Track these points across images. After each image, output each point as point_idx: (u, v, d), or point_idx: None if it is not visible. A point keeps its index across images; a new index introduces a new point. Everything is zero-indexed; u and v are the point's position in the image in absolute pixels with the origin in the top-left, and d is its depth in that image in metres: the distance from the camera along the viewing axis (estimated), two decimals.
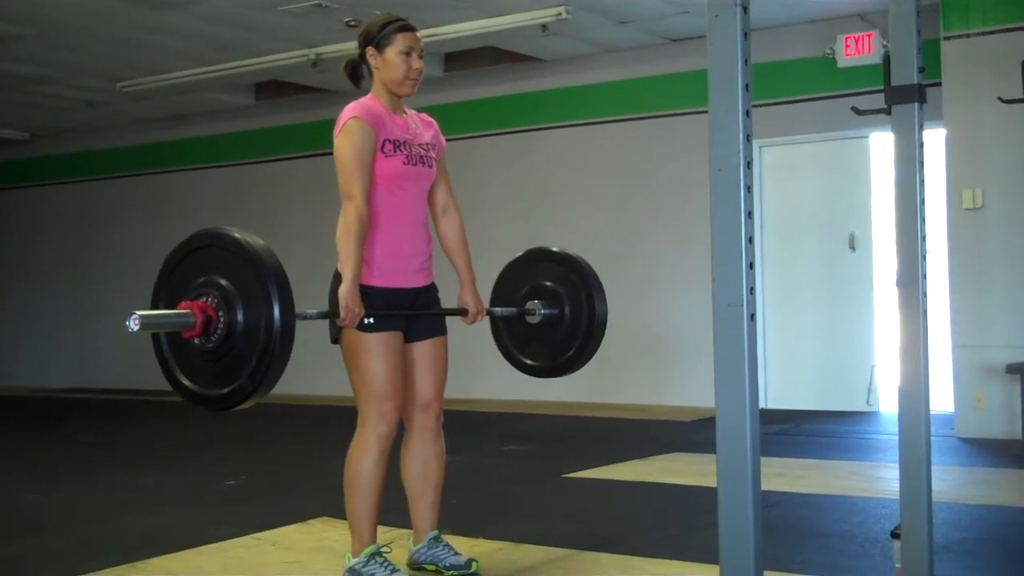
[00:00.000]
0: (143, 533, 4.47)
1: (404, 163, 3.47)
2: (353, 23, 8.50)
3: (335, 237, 3.37)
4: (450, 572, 3.55)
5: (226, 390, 2.88)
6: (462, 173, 11.14)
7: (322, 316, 3.29)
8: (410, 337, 3.53)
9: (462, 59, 9.86)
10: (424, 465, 3.60)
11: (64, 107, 11.57)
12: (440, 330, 3.63)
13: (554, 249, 4.05)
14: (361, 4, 8.02)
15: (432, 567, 3.59)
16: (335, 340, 3.49)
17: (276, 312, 2.78)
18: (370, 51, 3.55)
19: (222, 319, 2.84)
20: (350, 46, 9.84)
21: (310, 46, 9.24)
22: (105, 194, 13.03)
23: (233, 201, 11.92)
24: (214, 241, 2.96)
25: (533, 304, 3.95)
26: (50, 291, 13.43)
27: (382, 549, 3.41)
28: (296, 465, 6.50)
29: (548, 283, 3.96)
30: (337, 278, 3.39)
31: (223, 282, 2.86)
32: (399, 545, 3.71)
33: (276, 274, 2.84)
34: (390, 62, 3.51)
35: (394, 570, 3.35)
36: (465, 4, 8.15)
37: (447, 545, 3.60)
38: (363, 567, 3.35)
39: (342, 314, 3.26)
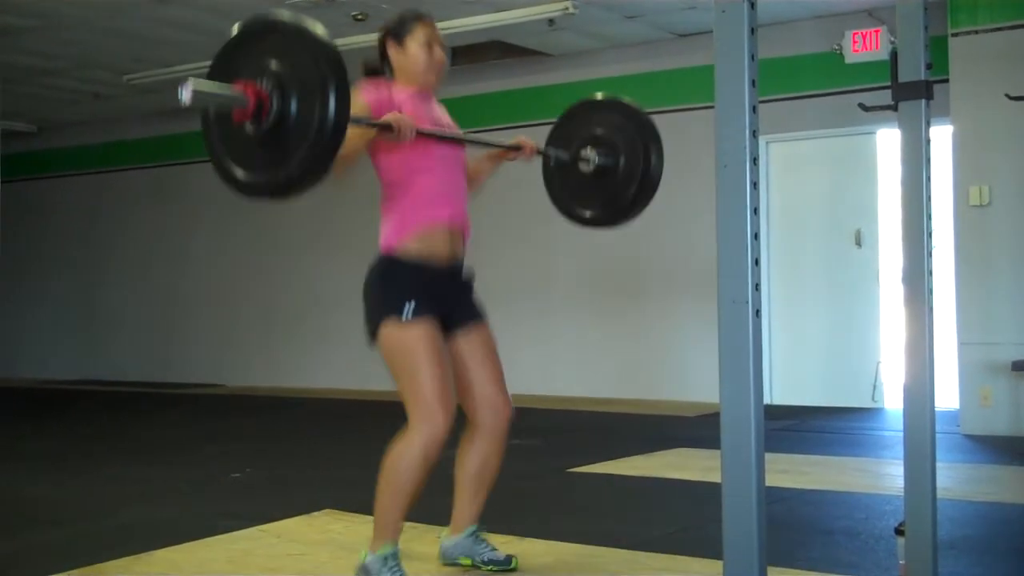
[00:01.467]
0: (147, 525, 4.48)
1: (432, 122, 3.44)
2: (360, 17, 8.50)
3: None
4: (488, 567, 3.54)
5: (269, 177, 2.80)
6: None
7: (374, 126, 3.16)
8: (452, 326, 3.43)
9: (469, 53, 9.84)
10: (483, 466, 3.53)
11: (72, 100, 11.58)
12: (483, 316, 3.55)
13: (605, 97, 3.99)
14: None
15: (467, 561, 3.57)
16: (373, 336, 3.37)
17: (332, 107, 2.67)
18: (390, 44, 3.50)
19: (275, 104, 2.72)
20: (357, 40, 9.83)
21: None
22: (112, 187, 13.05)
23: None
24: (272, 27, 2.85)
25: (587, 152, 3.85)
26: (57, 283, 13.45)
27: (399, 554, 3.31)
28: (301, 457, 6.51)
29: (602, 131, 3.87)
30: (373, 271, 3.37)
31: (279, 68, 2.74)
32: (427, 541, 3.70)
33: (334, 64, 2.72)
34: (411, 54, 3.47)
35: (399, 575, 3.27)
36: None
37: (485, 541, 3.58)
38: (372, 566, 3.28)
39: (396, 127, 3.16)
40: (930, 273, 2.77)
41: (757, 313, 2.12)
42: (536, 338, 9.81)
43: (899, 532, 2.82)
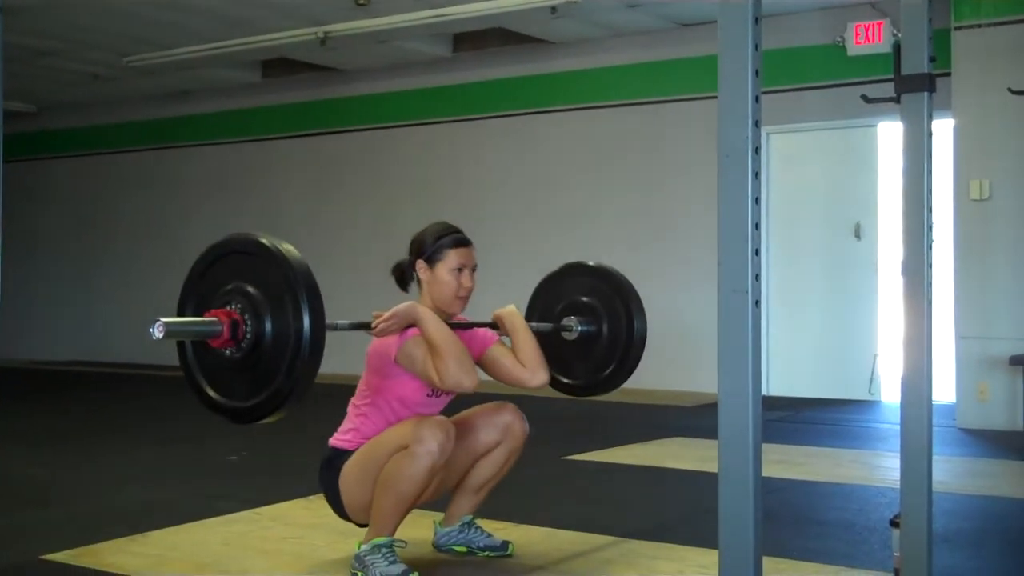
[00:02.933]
0: (144, 507, 4.49)
1: (427, 395, 3.39)
2: (362, 1, 8.48)
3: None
4: (484, 553, 3.55)
5: (253, 402, 2.81)
6: (467, 154, 11.16)
7: (354, 327, 3.18)
8: None
9: (471, 40, 9.84)
10: (492, 471, 3.54)
11: (71, 80, 11.56)
12: None
13: (590, 263, 3.96)
14: None
15: (463, 548, 3.57)
16: (341, 510, 3.43)
17: (306, 322, 2.68)
18: (420, 265, 3.43)
19: (250, 327, 2.74)
20: (358, 24, 9.78)
21: (318, 24, 9.21)
22: (111, 168, 13.04)
23: (239, 178, 11.93)
24: (242, 247, 2.84)
25: (570, 320, 3.86)
26: (55, 263, 13.45)
27: (396, 544, 3.29)
28: (298, 442, 6.50)
29: (584, 298, 3.87)
30: (330, 462, 3.47)
31: (251, 290, 2.76)
32: (422, 526, 3.70)
33: (307, 283, 2.72)
34: (440, 279, 3.40)
35: (392, 562, 3.24)
36: None
37: (480, 528, 3.59)
38: (367, 555, 3.28)
39: (388, 314, 3.17)
40: (930, 266, 2.77)
41: (757, 303, 2.12)
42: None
43: (894, 524, 2.82)
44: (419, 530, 3.70)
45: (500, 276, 9.78)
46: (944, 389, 7.40)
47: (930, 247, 2.79)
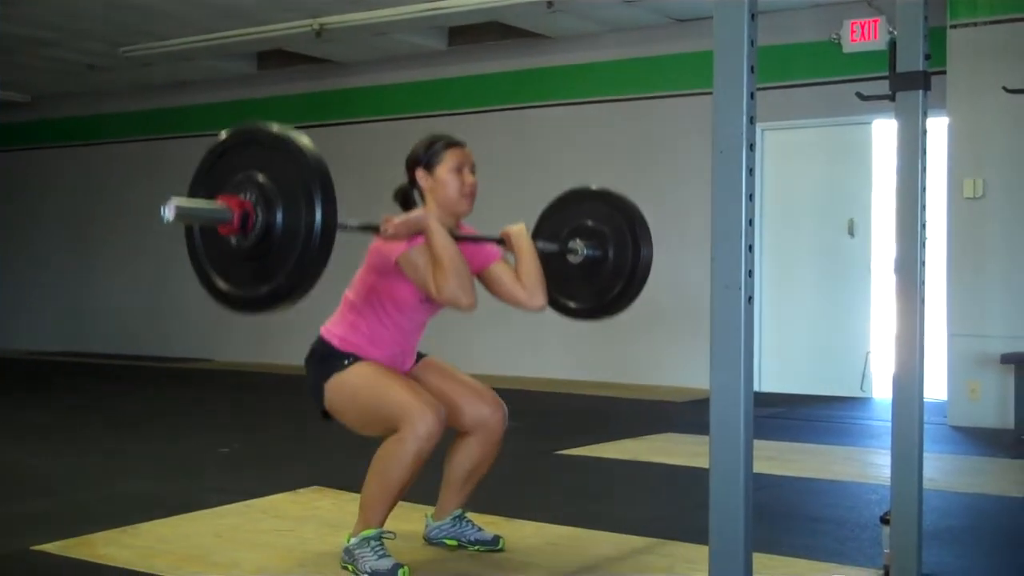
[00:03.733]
0: (135, 498, 4.49)
1: (421, 300, 3.37)
2: None
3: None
4: (475, 547, 3.55)
5: (259, 292, 2.75)
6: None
7: (364, 229, 3.13)
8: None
9: (467, 33, 9.82)
10: (475, 464, 3.52)
11: (66, 71, 11.52)
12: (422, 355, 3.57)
13: (598, 188, 3.94)
14: None
15: (454, 542, 3.57)
16: (325, 415, 3.41)
17: (319, 216, 2.62)
18: (420, 173, 3.42)
19: (260, 217, 2.68)
20: (353, 17, 9.78)
21: (314, 16, 9.19)
22: (106, 159, 13.00)
23: None
24: (254, 137, 2.80)
25: (576, 243, 3.82)
26: (50, 253, 13.42)
27: (384, 535, 3.30)
28: (288, 434, 6.52)
29: (591, 223, 3.84)
30: (316, 350, 3.42)
31: (264, 180, 2.70)
32: (413, 520, 3.70)
33: (321, 174, 2.68)
34: (442, 181, 3.39)
35: (381, 555, 3.24)
36: None
37: (471, 521, 3.59)
38: (356, 548, 3.28)
39: (384, 225, 3.15)
40: (923, 264, 2.78)
41: (749, 299, 2.12)
42: (525, 321, 9.79)
43: (885, 521, 2.83)
44: (410, 523, 3.70)
45: None
46: (935, 386, 7.42)
47: (923, 245, 2.80)
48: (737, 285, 2.12)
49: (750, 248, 2.13)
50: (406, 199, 3.48)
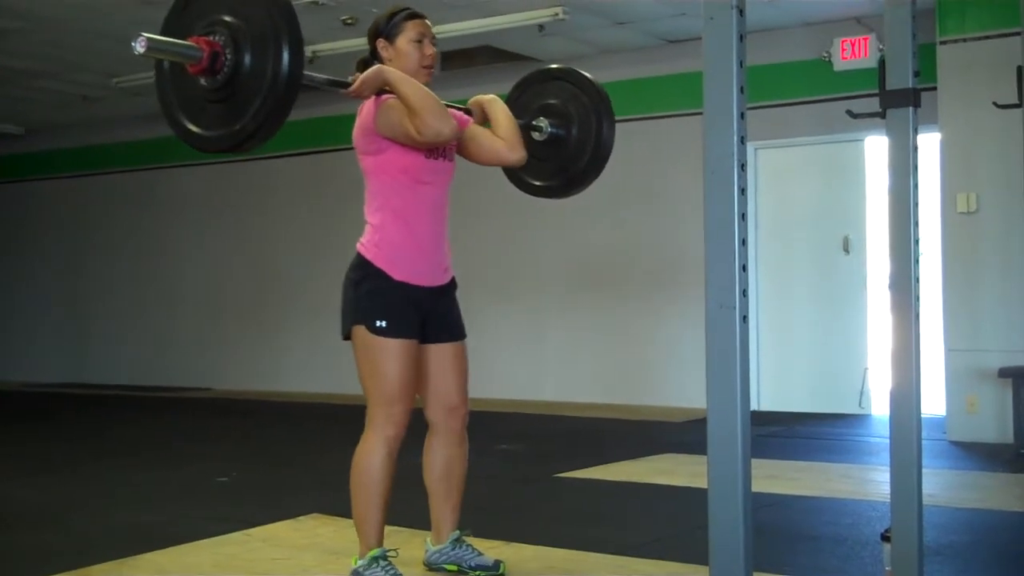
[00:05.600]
0: (134, 529, 4.47)
1: (425, 156, 3.42)
2: (350, 21, 8.50)
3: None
4: (476, 572, 3.54)
5: (220, 132, 2.83)
6: (458, 170, 11.14)
7: (330, 84, 3.24)
8: (428, 339, 3.48)
9: (459, 58, 9.85)
10: (448, 467, 3.55)
11: (60, 102, 11.55)
12: (460, 335, 3.58)
13: (560, 67, 4.01)
14: (358, 1, 8.01)
15: (454, 567, 3.57)
16: (347, 336, 3.43)
17: (285, 61, 2.72)
18: (381, 43, 3.49)
19: (229, 57, 2.75)
20: (347, 44, 9.80)
21: (307, 44, 9.20)
22: (100, 189, 13.01)
23: (227, 198, 11.91)
24: None
25: (541, 121, 3.86)
26: (43, 286, 13.41)
27: (388, 553, 3.36)
28: (287, 462, 6.50)
29: (554, 101, 3.90)
30: (352, 272, 3.41)
31: (233, 21, 2.77)
32: (414, 545, 3.70)
33: (287, 17, 2.75)
34: (402, 51, 3.46)
35: (394, 573, 3.31)
36: (462, 3, 8.14)
37: (470, 546, 3.59)
38: (365, 570, 3.32)
39: (357, 83, 3.24)
40: (917, 280, 2.78)
41: (744, 319, 2.12)
42: (524, 343, 9.80)
43: (885, 538, 2.83)
44: (410, 549, 3.69)
45: (494, 288, 9.79)
46: (934, 402, 7.42)
47: (917, 261, 2.80)
48: (731, 305, 2.12)
49: (744, 268, 2.13)
50: (367, 67, 3.51)
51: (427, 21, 3.53)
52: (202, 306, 12.04)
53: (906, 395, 2.78)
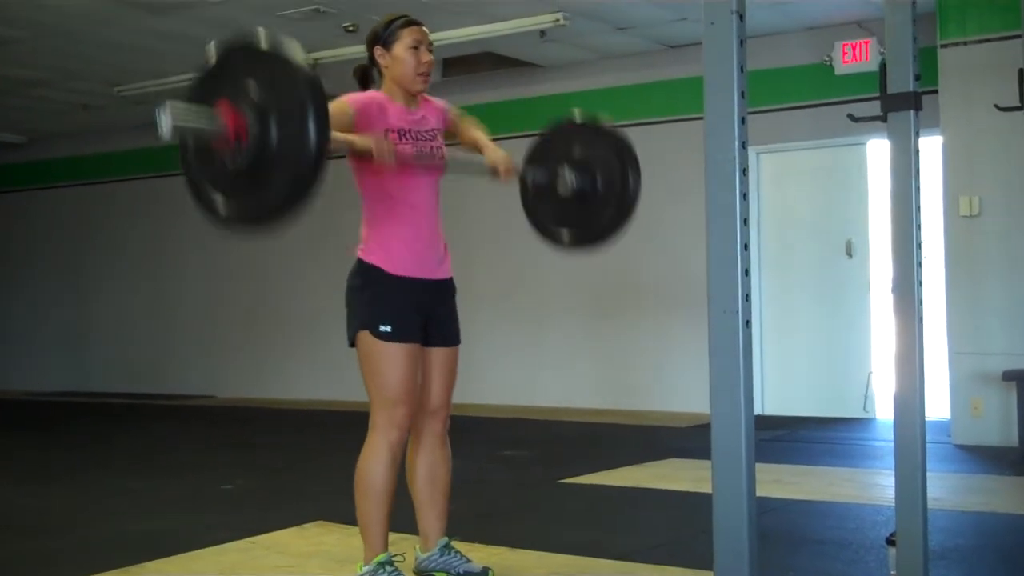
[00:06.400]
0: (138, 537, 4.47)
1: (414, 155, 3.44)
2: (352, 28, 8.50)
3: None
4: None
5: (254, 208, 2.77)
6: (458, 177, 11.15)
7: (356, 148, 3.21)
8: (425, 343, 3.50)
9: (460, 64, 9.86)
10: (431, 472, 3.56)
11: (61, 111, 11.56)
12: (455, 340, 3.60)
13: (591, 119, 3.99)
14: (360, 9, 8.02)
15: (443, 574, 3.57)
16: (352, 343, 3.45)
17: (312, 130, 2.64)
18: (378, 50, 3.51)
19: (253, 132, 2.68)
20: (348, 51, 9.81)
21: (308, 51, 9.17)
22: (102, 198, 13.02)
23: None
24: (250, 50, 2.82)
25: (565, 174, 3.85)
26: (47, 294, 13.42)
27: (394, 558, 3.37)
28: (292, 469, 6.50)
29: (582, 153, 3.88)
30: (353, 277, 3.42)
31: (258, 93, 2.71)
32: (401, 551, 3.70)
33: (313, 89, 2.71)
34: (399, 58, 3.48)
35: None
36: (464, 10, 8.15)
37: (459, 552, 3.58)
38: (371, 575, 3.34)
39: (375, 150, 3.21)
40: (920, 283, 2.78)
41: (747, 323, 2.12)
42: (527, 349, 9.80)
43: (890, 542, 2.82)
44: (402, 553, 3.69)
45: (496, 294, 9.78)
46: (938, 406, 7.41)
47: (920, 264, 2.80)
48: (734, 309, 2.11)
49: (746, 272, 2.13)
50: (364, 76, 3.58)
51: (424, 28, 3.55)
52: (204, 314, 12.05)
53: (910, 399, 2.77)
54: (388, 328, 3.35)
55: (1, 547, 4.35)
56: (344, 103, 3.35)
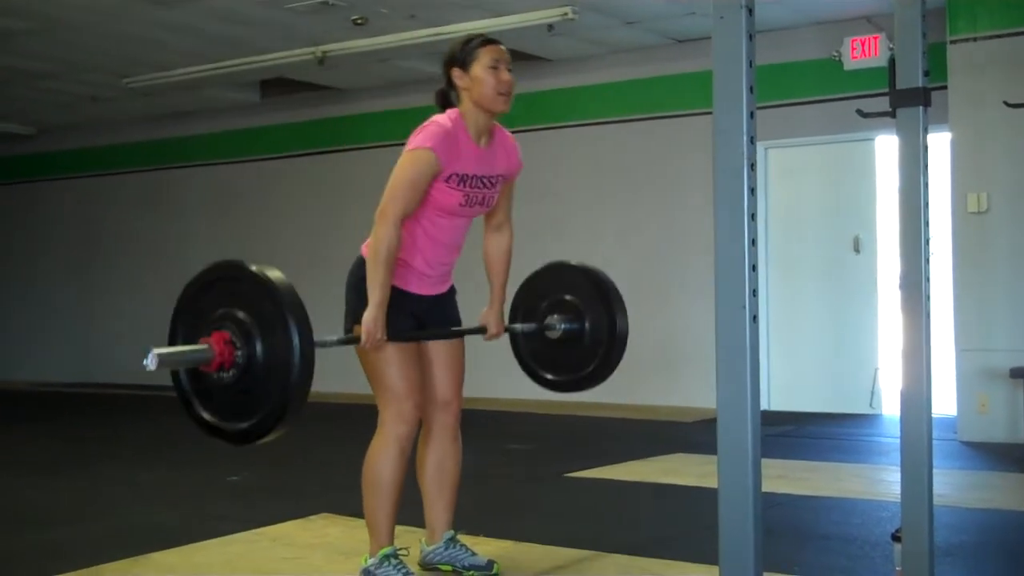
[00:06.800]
0: (145, 528, 4.48)
1: (461, 204, 3.41)
2: (360, 21, 8.50)
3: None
4: (470, 573, 3.53)
5: (248, 424, 2.88)
6: None
7: (342, 343, 3.29)
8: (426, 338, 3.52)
9: None
10: (440, 465, 3.57)
11: (70, 103, 11.57)
12: (454, 336, 3.61)
13: (573, 263, 4.01)
14: (368, 2, 8.02)
15: (448, 567, 3.57)
16: (348, 331, 3.46)
17: (296, 343, 2.77)
18: (456, 72, 3.44)
19: (240, 352, 2.82)
20: (356, 44, 9.80)
21: (316, 44, 9.23)
22: (110, 190, 13.04)
23: (239, 198, 11.93)
24: (229, 273, 2.94)
25: (552, 319, 3.91)
26: (54, 285, 13.45)
27: (399, 552, 3.39)
28: (297, 462, 6.50)
29: (568, 297, 3.93)
30: (355, 272, 3.42)
31: (240, 315, 2.84)
32: (407, 543, 3.71)
33: (293, 305, 2.82)
34: (478, 78, 3.40)
35: (407, 573, 3.33)
36: (471, 4, 8.14)
37: (464, 545, 3.59)
38: (376, 568, 3.34)
39: (364, 338, 3.24)
40: (928, 280, 2.77)
41: (754, 319, 2.12)
42: None
43: (896, 538, 2.82)
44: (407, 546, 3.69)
45: None
46: (945, 402, 7.40)
47: (927, 260, 2.79)
48: (741, 304, 2.11)
49: (754, 267, 2.13)
50: (445, 100, 3.50)
51: (503, 47, 3.47)
52: None
53: (917, 395, 2.77)
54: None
55: (8, 538, 4.36)
56: (432, 156, 3.29)
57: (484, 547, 3.84)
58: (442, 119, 3.37)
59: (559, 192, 9.80)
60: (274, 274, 2.85)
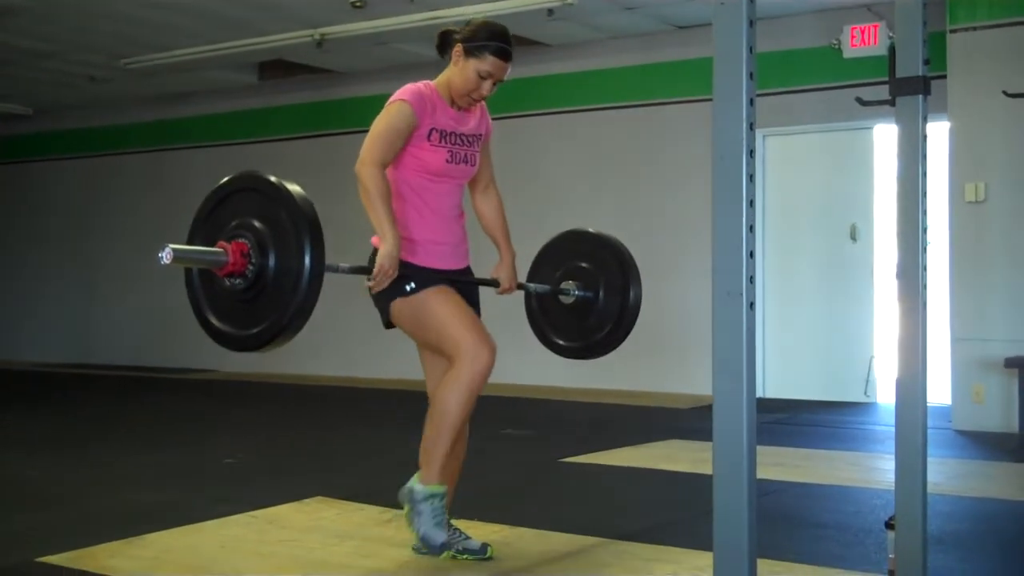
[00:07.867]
0: (140, 509, 4.49)
1: (447, 160, 3.50)
2: (359, 4, 8.48)
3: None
4: (464, 556, 3.54)
5: (252, 331, 2.97)
6: None
7: (354, 271, 3.34)
8: None
9: None
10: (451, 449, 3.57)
11: (67, 83, 11.55)
12: (476, 309, 3.65)
13: (592, 231, 4.09)
14: None
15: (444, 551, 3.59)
16: (388, 323, 3.52)
17: (307, 259, 2.85)
18: (458, 48, 3.54)
19: (254, 261, 2.90)
20: (355, 27, 9.77)
21: (315, 26, 9.21)
22: (108, 170, 13.03)
23: None
24: (252, 184, 3.03)
25: (568, 284, 3.96)
26: (53, 266, 13.44)
27: (443, 498, 3.46)
28: (293, 445, 6.51)
29: (585, 265, 3.98)
30: (372, 259, 3.44)
31: (258, 225, 2.93)
32: (403, 528, 3.72)
33: (310, 221, 2.90)
34: (465, 73, 3.52)
35: (440, 522, 3.43)
36: None
37: (458, 530, 3.60)
38: (421, 501, 3.43)
39: (375, 272, 3.28)
40: (924, 269, 2.77)
41: (751, 306, 2.12)
42: (529, 329, 9.78)
43: (889, 526, 2.83)
44: (401, 531, 3.70)
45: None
46: (940, 391, 7.41)
47: (925, 250, 2.79)
48: (738, 291, 2.11)
49: (751, 254, 2.13)
50: (444, 43, 3.63)
51: (507, 66, 3.58)
52: None
53: (912, 384, 2.77)
54: (412, 284, 3.43)
55: (6, 518, 4.37)
56: (406, 106, 3.43)
57: (477, 531, 3.85)
58: (417, 84, 3.52)
59: (557, 177, 9.79)
60: (294, 189, 2.96)
